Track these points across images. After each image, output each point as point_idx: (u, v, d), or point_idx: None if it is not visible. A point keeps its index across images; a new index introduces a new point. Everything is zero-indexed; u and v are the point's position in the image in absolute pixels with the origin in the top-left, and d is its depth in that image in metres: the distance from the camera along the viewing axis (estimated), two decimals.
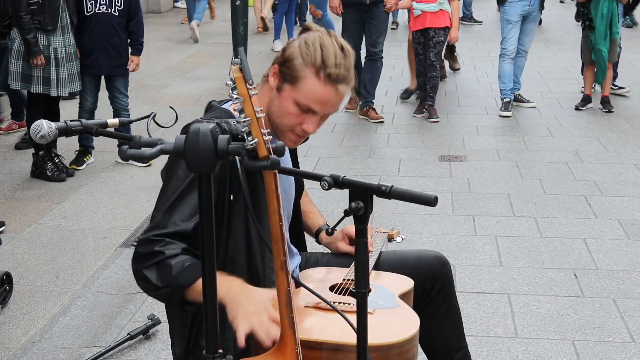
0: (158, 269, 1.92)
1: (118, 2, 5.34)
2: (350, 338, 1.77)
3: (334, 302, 2.03)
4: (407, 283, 2.26)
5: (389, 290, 2.18)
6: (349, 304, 2.05)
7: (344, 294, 2.14)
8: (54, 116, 5.26)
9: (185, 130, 1.89)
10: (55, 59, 5.08)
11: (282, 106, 2.07)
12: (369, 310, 1.83)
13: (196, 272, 1.88)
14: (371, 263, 2.36)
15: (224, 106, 2.18)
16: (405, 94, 7.82)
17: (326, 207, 4.80)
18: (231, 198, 2.04)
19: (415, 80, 7.63)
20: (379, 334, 1.89)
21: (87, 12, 5.30)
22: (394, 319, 2.04)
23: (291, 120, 2.08)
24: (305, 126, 2.09)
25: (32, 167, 5.36)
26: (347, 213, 1.64)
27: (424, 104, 7.16)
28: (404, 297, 2.18)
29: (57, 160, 5.35)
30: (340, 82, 2.05)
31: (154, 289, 1.95)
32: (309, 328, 1.95)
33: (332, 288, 2.19)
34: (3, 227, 4.42)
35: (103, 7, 5.32)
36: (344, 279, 2.23)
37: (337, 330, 1.92)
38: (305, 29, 2.12)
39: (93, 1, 5.28)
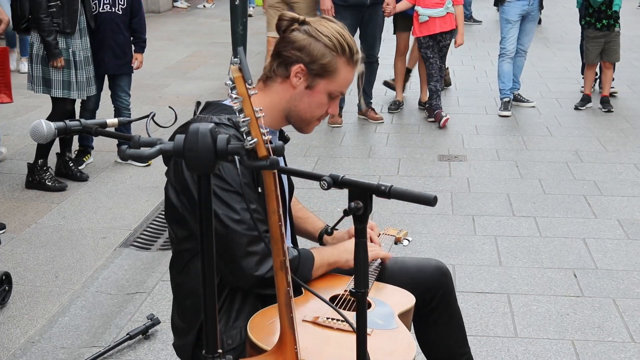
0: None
1: (121, 1, 5.34)
2: None
3: (334, 320, 2.01)
4: (408, 300, 2.22)
5: (389, 308, 2.14)
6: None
7: (346, 307, 2.12)
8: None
9: (185, 129, 1.89)
10: (75, 62, 5.04)
11: (315, 101, 2.16)
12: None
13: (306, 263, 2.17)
14: (376, 266, 2.36)
15: (224, 102, 2.19)
16: (394, 106, 7.38)
17: (326, 207, 4.80)
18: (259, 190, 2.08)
19: (401, 92, 7.50)
20: None
21: (92, 12, 5.29)
22: (390, 343, 1.99)
23: (322, 110, 2.20)
24: (330, 110, 2.21)
25: (28, 177, 5.13)
26: (346, 213, 1.64)
27: (434, 110, 6.94)
28: (403, 315, 2.14)
29: (71, 165, 5.30)
30: (361, 60, 2.19)
31: None
32: (305, 347, 1.90)
33: (333, 298, 2.16)
34: (4, 230, 4.42)
35: (107, 7, 5.31)
36: (345, 290, 2.20)
37: (334, 354, 1.90)
38: (295, 21, 2.13)
39: (97, 1, 5.28)
